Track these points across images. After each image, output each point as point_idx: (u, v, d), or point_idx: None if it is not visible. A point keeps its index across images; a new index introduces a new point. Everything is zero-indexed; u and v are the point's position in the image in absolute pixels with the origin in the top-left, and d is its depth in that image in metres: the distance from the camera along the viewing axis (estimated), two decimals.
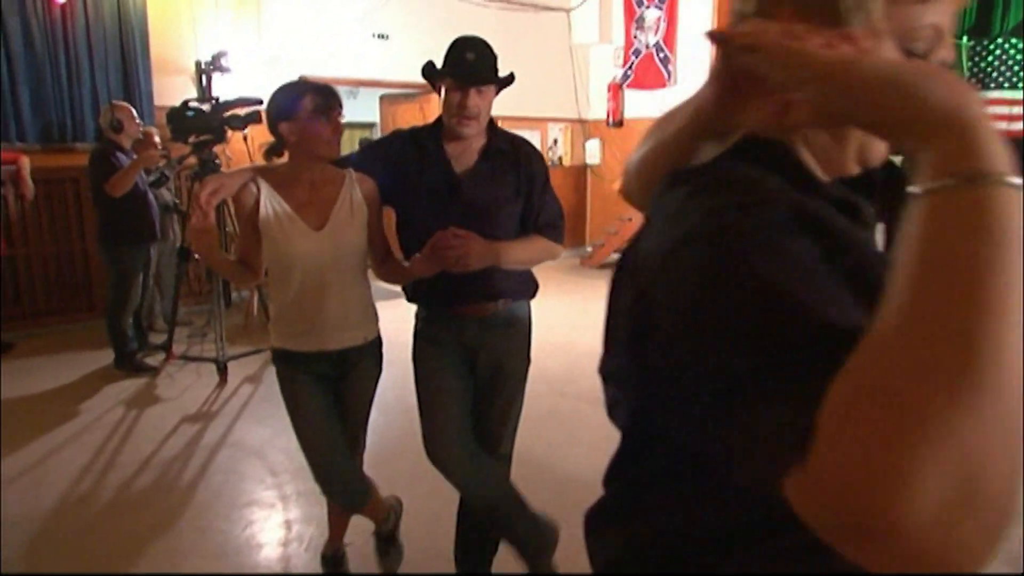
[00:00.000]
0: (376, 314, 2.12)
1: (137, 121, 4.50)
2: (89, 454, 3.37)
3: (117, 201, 4.22)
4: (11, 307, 5.32)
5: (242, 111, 4.40)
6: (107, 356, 4.58)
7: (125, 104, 4.55)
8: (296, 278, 1.94)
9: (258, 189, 1.93)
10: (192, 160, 4.54)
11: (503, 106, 1.93)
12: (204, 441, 3.51)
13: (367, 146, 2.26)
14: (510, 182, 2.03)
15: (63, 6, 5.34)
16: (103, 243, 4.44)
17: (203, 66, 5.84)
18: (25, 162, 5.03)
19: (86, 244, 5.53)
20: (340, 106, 1.91)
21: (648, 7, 7.90)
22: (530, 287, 2.14)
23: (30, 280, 5.45)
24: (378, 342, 2.12)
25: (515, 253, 2.00)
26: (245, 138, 5.34)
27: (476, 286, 2.01)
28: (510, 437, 2.17)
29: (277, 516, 2.83)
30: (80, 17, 5.44)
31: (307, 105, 1.86)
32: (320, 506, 2.89)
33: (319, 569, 2.44)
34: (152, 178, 4.62)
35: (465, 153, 2.03)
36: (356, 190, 2.00)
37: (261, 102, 4.45)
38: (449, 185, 2.00)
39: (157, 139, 4.85)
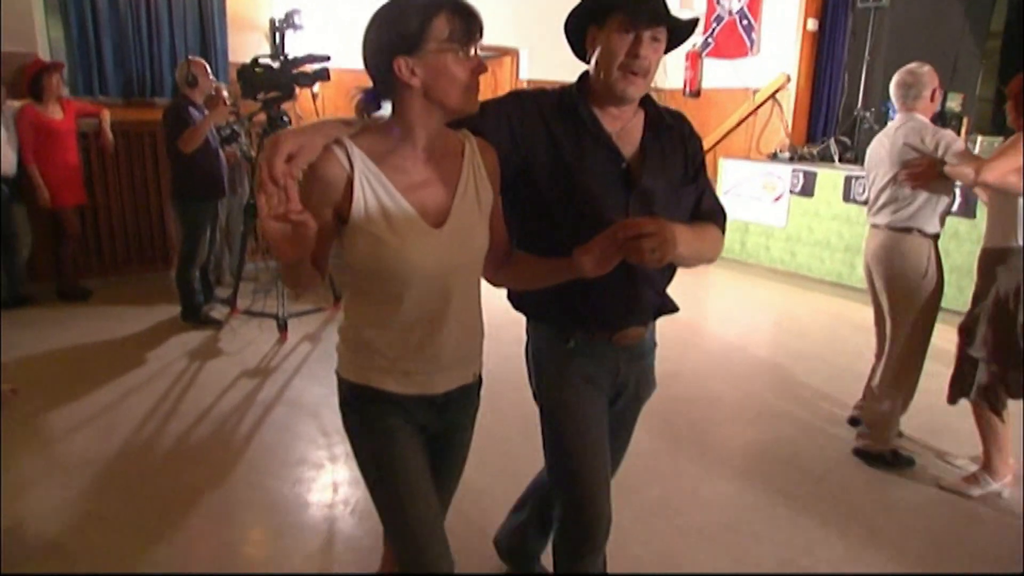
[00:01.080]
0: None
1: (211, 77, 4.55)
2: (153, 401, 3.48)
3: (188, 156, 4.29)
4: (91, 256, 5.53)
5: (310, 68, 4.38)
6: (176, 308, 4.71)
7: (200, 60, 4.60)
8: (406, 297, 1.34)
9: (350, 161, 1.27)
10: (262, 117, 4.58)
11: (578, 74, 1.59)
12: (261, 397, 3.57)
13: (483, 105, 1.47)
14: (679, 164, 1.62)
15: None
16: (174, 197, 4.54)
17: (277, 23, 5.86)
18: (106, 115, 5.18)
19: (162, 198, 5.67)
20: (481, 33, 1.30)
21: None
22: (671, 304, 1.73)
23: (110, 231, 5.64)
24: (481, 376, 1.56)
25: (697, 244, 1.54)
26: (315, 96, 5.36)
27: (644, 300, 1.61)
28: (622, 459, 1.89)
29: (326, 477, 2.85)
30: None
31: (440, 29, 1.24)
32: None
33: (366, 533, 2.44)
34: (224, 135, 4.68)
35: (626, 129, 1.57)
36: (481, 165, 1.41)
37: (329, 59, 4.45)
38: (619, 169, 1.53)
39: (226, 95, 4.90)
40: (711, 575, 2.29)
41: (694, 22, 1.51)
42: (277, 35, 5.88)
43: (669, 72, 8.44)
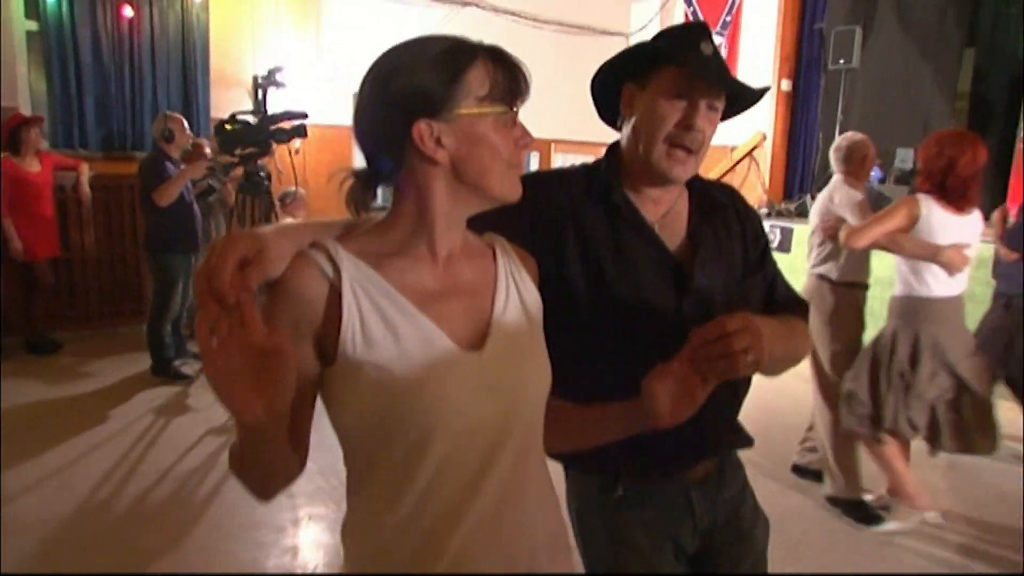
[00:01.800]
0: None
1: (187, 132, 4.58)
2: (114, 460, 3.38)
3: (163, 210, 4.29)
4: (64, 308, 5.47)
5: (288, 124, 4.43)
6: (148, 361, 4.63)
7: (177, 115, 4.63)
8: (426, 461, 0.88)
9: (335, 267, 0.87)
10: (239, 172, 4.60)
11: (558, 130, 1.45)
12: (225, 456, 3.46)
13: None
14: (739, 252, 1.29)
15: (131, 20, 5.51)
16: (148, 250, 4.52)
17: (259, 80, 5.95)
18: (84, 168, 5.18)
19: (138, 250, 5.65)
20: (529, 90, 0.95)
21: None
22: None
23: (84, 283, 5.59)
24: None
25: (787, 339, 1.18)
26: (291, 152, 5.41)
27: (710, 425, 1.16)
28: None
29: (286, 540, 2.76)
30: (146, 31, 5.61)
31: (478, 83, 0.89)
32: (331, 533, 2.82)
33: None
34: (199, 189, 4.69)
35: (671, 215, 1.24)
36: (520, 268, 1.03)
37: (307, 116, 4.50)
38: (667, 268, 1.21)
39: (208, 150, 4.93)
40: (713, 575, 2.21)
41: (763, 91, 1.22)
42: (259, 92, 5.96)
43: None
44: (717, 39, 7.63)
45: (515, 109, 0.93)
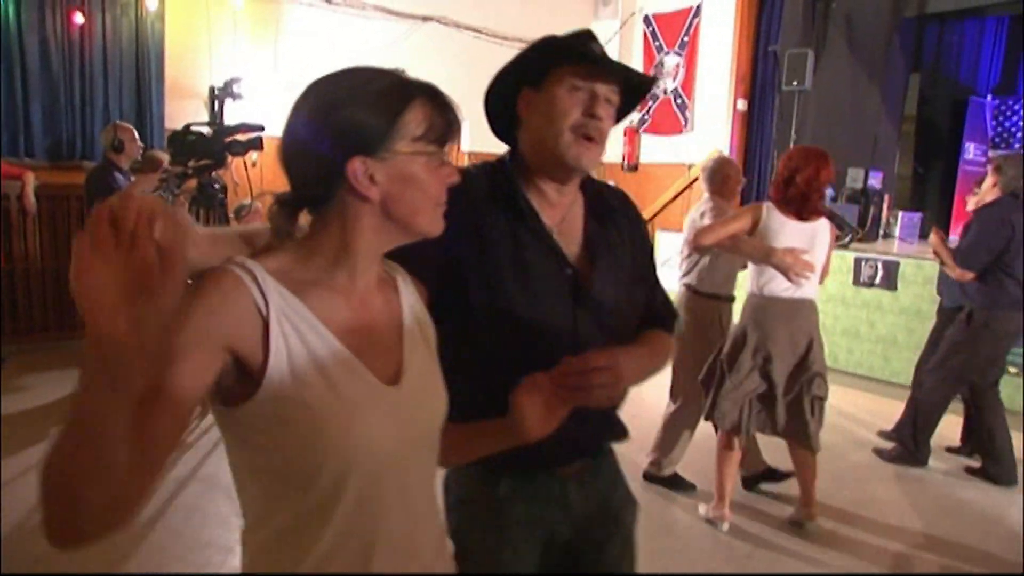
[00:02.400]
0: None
1: (138, 142, 4.48)
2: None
3: None
4: (7, 320, 5.27)
5: (244, 136, 4.36)
6: (74, 380, 4.47)
7: (128, 125, 4.55)
8: (345, 495, 0.89)
9: (263, 296, 0.86)
10: (192, 184, 4.51)
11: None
12: (173, 474, 3.38)
13: None
14: (628, 257, 1.32)
15: (82, 27, 5.39)
16: None
17: (216, 91, 5.86)
18: (30, 178, 5.03)
19: None
20: (459, 133, 0.98)
21: (668, 53, 7.88)
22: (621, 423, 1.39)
23: (27, 295, 5.41)
24: None
25: (648, 365, 1.29)
26: (248, 164, 5.32)
27: (588, 428, 1.24)
28: None
29: (234, 560, 2.68)
30: (98, 38, 5.48)
31: (415, 124, 0.91)
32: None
33: None
34: None
35: (568, 219, 1.26)
36: (420, 305, 1.06)
37: (263, 128, 4.44)
38: (564, 276, 1.23)
39: (166, 163, 4.83)
40: (710, 575, 2.22)
41: (652, 79, 1.34)
42: (215, 103, 5.87)
43: (608, 146, 8.70)
44: (675, 59, 7.79)
45: (446, 149, 0.95)
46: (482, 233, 1.19)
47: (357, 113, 0.88)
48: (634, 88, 1.25)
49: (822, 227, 2.89)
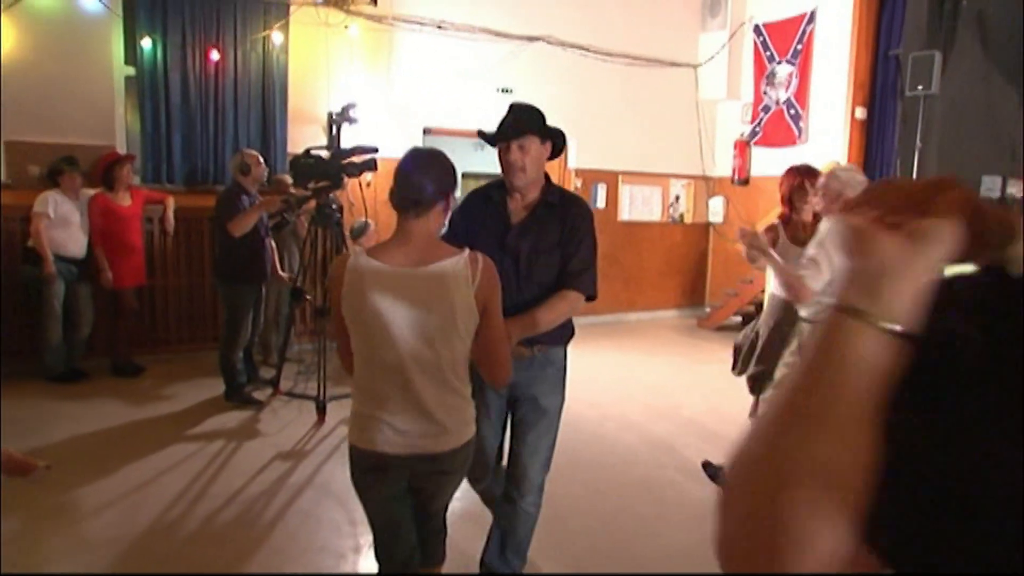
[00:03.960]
0: None
1: (263, 166, 4.78)
2: (186, 482, 3.50)
3: (235, 241, 4.47)
4: (147, 333, 5.75)
5: (359, 159, 4.57)
6: (221, 387, 4.80)
7: (253, 151, 4.85)
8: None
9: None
10: (312, 204, 4.76)
11: (625, 162, 1.91)
12: (292, 480, 3.56)
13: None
14: (553, 232, 2.26)
15: (217, 63, 5.84)
16: (219, 279, 4.72)
17: (333, 116, 6.18)
18: (170, 202, 5.48)
19: (214, 279, 5.90)
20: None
21: (780, 63, 7.61)
22: (565, 334, 2.35)
23: (165, 310, 5.88)
24: None
25: (547, 319, 2.19)
26: (363, 185, 5.56)
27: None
28: (540, 469, 2.37)
29: (346, 566, 2.78)
30: (230, 72, 5.94)
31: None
32: None
33: None
34: (273, 222, 4.88)
35: (526, 207, 2.30)
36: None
37: (377, 150, 4.63)
38: (500, 233, 2.26)
39: (290, 187, 5.12)
40: (705, 575, 2.15)
41: (555, 131, 2.28)
42: (333, 127, 6.18)
43: (718, 160, 8.50)
44: (787, 68, 7.52)
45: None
46: (476, 212, 2.33)
47: (449, 174, 1.85)
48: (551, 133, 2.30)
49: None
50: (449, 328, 1.76)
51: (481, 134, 2.29)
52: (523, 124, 2.20)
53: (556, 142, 2.29)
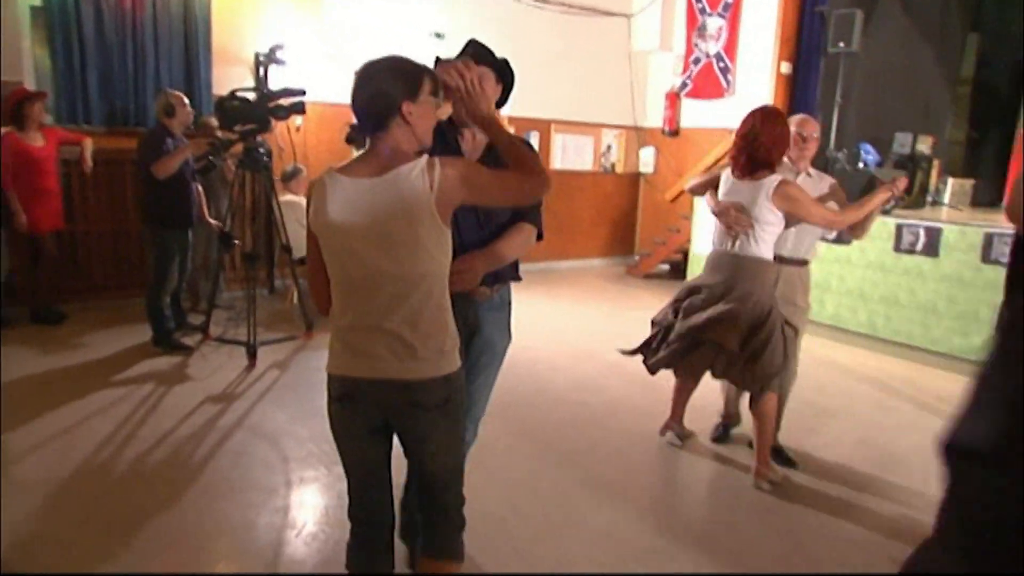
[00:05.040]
0: None
1: (188, 109, 4.64)
2: (114, 425, 3.50)
3: (161, 184, 4.37)
4: (70, 280, 5.58)
5: (287, 101, 4.50)
6: (149, 333, 4.74)
7: (177, 92, 4.70)
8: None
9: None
10: (239, 148, 4.67)
11: (558, 111, 1.93)
12: (221, 423, 3.60)
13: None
14: None
15: None
16: (145, 224, 4.62)
17: (260, 58, 6.00)
18: (88, 143, 5.26)
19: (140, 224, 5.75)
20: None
21: (711, 15, 7.74)
22: (516, 274, 2.38)
23: (88, 256, 5.70)
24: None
25: (508, 251, 2.19)
26: (292, 129, 5.47)
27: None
28: (483, 407, 2.39)
29: (277, 501, 2.87)
30: (148, 7, 5.67)
31: (426, 85, 1.74)
32: (321, 495, 2.93)
33: (311, 555, 2.47)
34: (200, 165, 4.77)
35: (476, 147, 2.22)
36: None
37: (304, 93, 4.56)
38: None
39: (216, 129, 4.99)
40: (699, 574, 2.33)
41: (506, 63, 2.19)
42: (261, 69, 6.02)
43: (649, 111, 8.65)
44: (718, 21, 7.65)
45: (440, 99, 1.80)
46: (433, 152, 1.89)
47: (407, 78, 1.71)
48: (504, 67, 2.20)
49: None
50: (411, 240, 1.67)
51: (439, 61, 2.05)
52: (483, 56, 2.13)
53: (507, 85, 2.21)
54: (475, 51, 2.15)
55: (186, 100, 4.63)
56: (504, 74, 2.18)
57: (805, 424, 3.82)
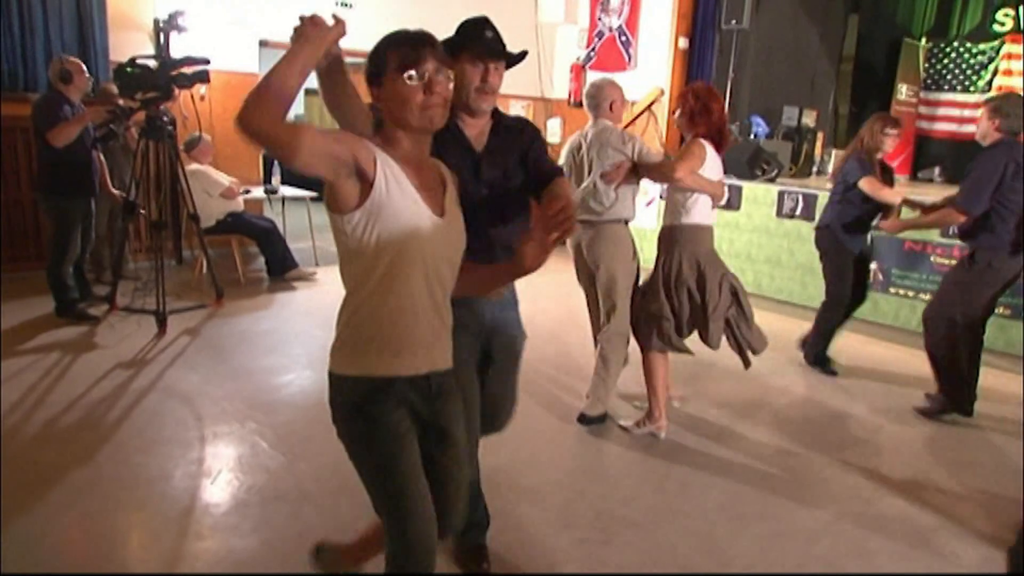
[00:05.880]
0: None
1: (87, 75, 4.54)
2: (21, 392, 3.49)
3: (59, 152, 4.29)
4: None
5: (189, 70, 4.47)
6: (51, 304, 4.66)
7: (74, 59, 4.58)
8: (403, 273, 1.51)
9: (377, 150, 1.48)
10: (141, 117, 4.62)
11: None
12: (134, 386, 3.64)
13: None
14: (517, 151, 2.12)
15: None
16: (43, 193, 4.50)
17: (160, 24, 5.87)
18: None
19: (33, 194, 5.57)
20: (434, 53, 1.49)
21: None
22: None
23: None
24: None
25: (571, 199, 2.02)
26: (198, 98, 5.41)
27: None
28: (513, 403, 2.30)
29: (192, 454, 2.98)
30: None
31: (392, 60, 1.47)
32: (234, 447, 3.06)
33: (226, 500, 2.61)
34: (100, 133, 4.68)
35: (481, 132, 2.07)
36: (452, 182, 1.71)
37: (208, 61, 4.55)
38: (472, 163, 2.02)
39: (117, 96, 4.89)
40: (701, 575, 2.39)
41: (524, 54, 2.05)
42: (161, 36, 5.89)
43: (556, 82, 8.90)
44: None
45: (424, 72, 1.49)
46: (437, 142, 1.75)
47: (370, 60, 1.53)
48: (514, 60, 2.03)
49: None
50: None
51: (449, 48, 1.73)
52: (504, 46, 1.98)
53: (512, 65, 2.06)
54: (496, 36, 1.99)
55: (84, 67, 4.53)
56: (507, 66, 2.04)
57: (695, 378, 4.18)
